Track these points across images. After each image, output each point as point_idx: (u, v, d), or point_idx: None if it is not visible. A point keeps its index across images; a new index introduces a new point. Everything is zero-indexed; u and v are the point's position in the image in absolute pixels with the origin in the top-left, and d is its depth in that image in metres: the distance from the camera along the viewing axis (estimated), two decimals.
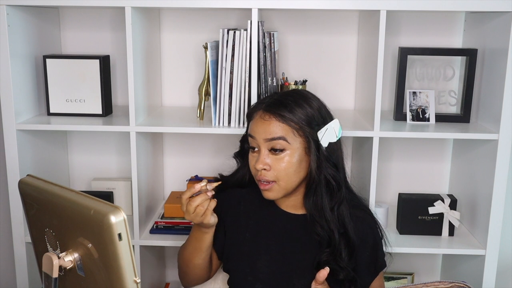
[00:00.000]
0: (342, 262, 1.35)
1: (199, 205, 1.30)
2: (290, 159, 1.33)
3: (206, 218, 1.32)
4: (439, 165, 2.07)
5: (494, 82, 1.70)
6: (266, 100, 1.40)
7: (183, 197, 1.31)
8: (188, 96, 2.06)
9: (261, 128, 1.34)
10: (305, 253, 1.40)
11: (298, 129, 1.33)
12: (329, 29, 1.98)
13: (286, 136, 1.32)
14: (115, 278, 0.94)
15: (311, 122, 1.35)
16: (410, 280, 2.11)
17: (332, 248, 1.36)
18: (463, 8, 1.66)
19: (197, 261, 1.42)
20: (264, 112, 1.35)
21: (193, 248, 1.41)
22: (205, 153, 2.08)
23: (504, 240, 2.03)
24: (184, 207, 1.31)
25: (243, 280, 1.40)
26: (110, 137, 2.09)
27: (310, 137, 1.34)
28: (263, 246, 1.41)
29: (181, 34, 2.01)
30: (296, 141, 1.33)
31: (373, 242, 1.44)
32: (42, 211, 1.09)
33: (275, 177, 1.34)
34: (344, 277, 1.36)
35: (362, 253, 1.41)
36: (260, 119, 1.35)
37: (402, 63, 1.81)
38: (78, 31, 2.01)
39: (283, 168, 1.33)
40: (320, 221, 1.36)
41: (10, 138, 1.71)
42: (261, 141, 1.34)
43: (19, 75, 1.73)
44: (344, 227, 1.38)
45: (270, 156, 1.34)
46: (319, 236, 1.38)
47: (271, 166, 1.33)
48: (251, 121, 1.39)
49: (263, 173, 1.34)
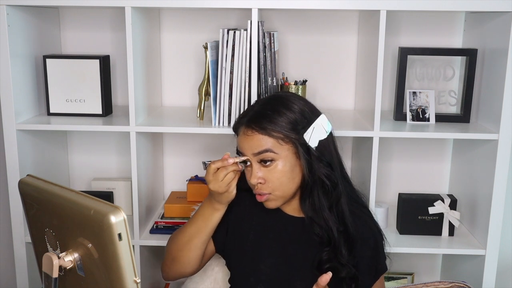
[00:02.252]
0: (342, 259, 1.35)
1: (229, 173, 1.31)
2: (282, 168, 1.32)
3: (231, 187, 1.33)
4: (439, 165, 2.07)
5: (494, 82, 1.70)
6: (247, 113, 1.38)
7: (213, 165, 1.31)
8: (188, 96, 2.06)
9: (247, 144, 1.33)
10: (307, 255, 1.39)
11: (282, 137, 1.31)
12: (329, 29, 1.99)
13: (272, 147, 1.31)
14: (115, 278, 0.94)
15: (296, 127, 1.32)
16: (410, 280, 2.11)
17: (332, 246, 1.36)
18: (463, 8, 1.66)
19: (196, 243, 1.40)
20: (246, 128, 1.34)
21: (197, 228, 1.40)
22: (205, 153, 2.08)
23: (504, 240, 2.03)
24: (211, 176, 1.31)
25: (245, 281, 1.40)
26: (110, 137, 2.09)
27: (297, 142, 1.32)
28: (266, 248, 1.41)
29: (181, 34, 2.01)
30: (283, 149, 1.32)
31: (374, 244, 1.44)
32: (42, 211, 1.09)
33: (271, 188, 1.33)
34: (346, 275, 1.35)
35: (363, 252, 1.40)
36: (244, 135, 1.34)
37: (402, 63, 1.81)
38: (78, 31, 2.02)
39: (276, 178, 1.32)
40: (319, 222, 1.36)
41: (10, 138, 1.71)
42: (250, 156, 1.33)
43: (19, 75, 1.73)
44: (344, 223, 1.37)
45: (262, 169, 1.33)
46: (318, 236, 1.37)
47: (265, 179, 1.33)
48: (238, 137, 1.39)
49: (259, 186, 1.34)
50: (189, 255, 1.42)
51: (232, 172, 1.32)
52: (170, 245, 1.47)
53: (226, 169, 1.31)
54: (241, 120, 1.38)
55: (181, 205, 1.89)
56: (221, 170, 1.31)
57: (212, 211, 1.39)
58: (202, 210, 1.41)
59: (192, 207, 1.84)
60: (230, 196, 1.35)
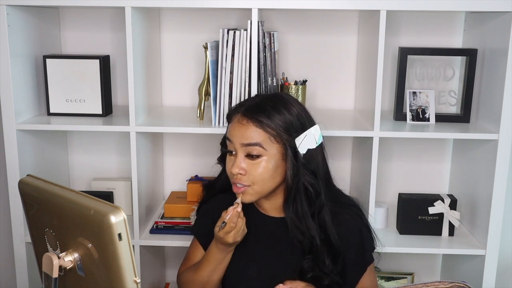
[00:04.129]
0: (325, 268, 1.35)
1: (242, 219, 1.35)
2: (266, 165, 1.32)
3: (244, 232, 1.36)
4: (439, 165, 2.07)
5: (494, 82, 1.70)
6: (246, 103, 1.39)
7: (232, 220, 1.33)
8: (188, 96, 2.06)
9: (238, 132, 1.34)
10: (291, 254, 1.40)
11: (275, 135, 1.32)
12: (329, 29, 1.98)
13: (263, 142, 1.31)
14: (115, 278, 0.94)
15: (289, 129, 1.33)
16: (410, 280, 2.11)
17: (314, 255, 1.36)
18: (463, 8, 1.66)
19: (216, 279, 1.42)
20: (242, 116, 1.35)
21: (213, 269, 1.41)
22: (205, 153, 2.08)
23: (504, 240, 2.03)
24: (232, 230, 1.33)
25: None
26: (110, 137, 2.09)
27: (288, 144, 1.33)
28: (251, 252, 1.42)
29: (181, 34, 2.01)
30: (273, 147, 1.32)
31: (358, 240, 1.43)
32: (42, 211, 1.10)
33: (250, 181, 1.34)
34: (329, 282, 1.36)
35: (347, 254, 1.40)
36: (238, 123, 1.35)
37: (402, 63, 1.81)
38: (78, 31, 2.01)
39: (258, 173, 1.33)
40: (301, 228, 1.36)
41: (10, 138, 1.71)
42: (238, 146, 1.33)
43: (19, 75, 1.73)
44: (326, 233, 1.37)
45: (246, 160, 1.33)
46: (300, 243, 1.38)
47: (246, 171, 1.33)
48: (229, 124, 1.39)
49: (239, 177, 1.34)
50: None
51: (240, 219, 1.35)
52: (187, 285, 1.48)
53: (242, 218, 1.34)
54: (238, 108, 1.38)
55: (181, 205, 1.89)
56: (239, 221, 1.33)
57: (225, 254, 1.39)
58: (214, 255, 1.40)
59: (192, 207, 1.85)
60: (243, 235, 1.37)
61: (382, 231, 1.83)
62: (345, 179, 2.04)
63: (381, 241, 1.54)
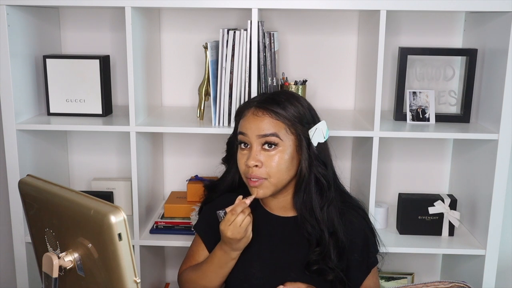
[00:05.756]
0: (331, 263, 1.36)
1: (246, 218, 1.32)
2: (282, 156, 1.33)
3: (248, 231, 1.33)
4: (439, 165, 2.07)
5: (494, 82, 1.70)
6: (257, 98, 1.41)
7: (238, 218, 1.30)
8: (188, 96, 2.06)
9: (254, 125, 1.34)
10: (296, 255, 1.40)
11: (290, 126, 1.34)
12: (329, 29, 1.99)
13: (279, 132, 1.33)
14: (115, 278, 0.94)
15: (302, 120, 1.37)
16: (410, 280, 2.11)
17: (322, 248, 1.36)
18: (463, 8, 1.66)
19: (216, 284, 1.42)
20: (256, 109, 1.36)
21: (216, 274, 1.40)
22: (205, 153, 2.08)
23: (504, 240, 2.03)
24: (227, 224, 1.30)
25: (239, 287, 1.41)
26: (110, 137, 2.09)
27: (302, 135, 1.35)
28: (255, 252, 1.41)
29: (181, 34, 2.01)
30: (288, 138, 1.34)
31: (363, 242, 1.44)
32: (42, 211, 1.10)
33: (267, 174, 1.33)
34: (334, 278, 1.36)
35: (352, 254, 1.41)
36: (253, 115, 1.36)
37: (402, 63, 1.81)
38: (78, 31, 2.02)
39: (275, 164, 1.33)
40: (311, 220, 1.36)
41: (10, 138, 1.71)
42: (253, 138, 1.34)
43: (19, 75, 1.73)
44: (334, 227, 1.38)
45: (262, 152, 1.34)
46: (309, 235, 1.38)
47: (262, 163, 1.33)
48: (241, 119, 1.40)
49: (254, 170, 1.33)
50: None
51: (249, 216, 1.32)
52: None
53: (244, 213, 1.31)
54: (250, 103, 1.41)
55: (181, 205, 1.89)
56: (240, 216, 1.30)
57: (229, 258, 1.38)
58: (217, 260, 1.39)
59: (192, 207, 1.85)
60: (248, 241, 1.35)
61: (382, 231, 1.83)
62: (345, 179, 2.04)
63: (382, 242, 1.54)
